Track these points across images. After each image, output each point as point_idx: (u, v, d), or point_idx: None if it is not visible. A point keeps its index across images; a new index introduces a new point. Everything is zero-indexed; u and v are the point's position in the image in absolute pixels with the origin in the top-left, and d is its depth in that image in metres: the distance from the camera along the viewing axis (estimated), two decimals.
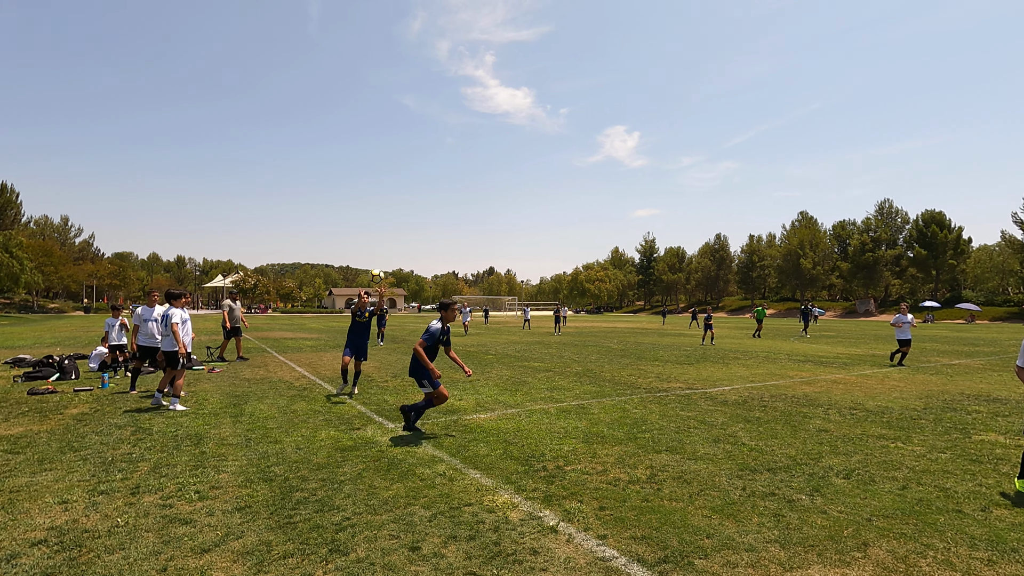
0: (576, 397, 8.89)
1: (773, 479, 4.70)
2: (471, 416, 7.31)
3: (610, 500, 4.17)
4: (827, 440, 6.09)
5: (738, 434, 6.35)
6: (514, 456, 5.37)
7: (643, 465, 5.09)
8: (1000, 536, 3.55)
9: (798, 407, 8.08)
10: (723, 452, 5.56)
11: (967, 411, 7.85)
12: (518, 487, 4.47)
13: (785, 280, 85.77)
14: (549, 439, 6.06)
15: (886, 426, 6.83)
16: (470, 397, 8.80)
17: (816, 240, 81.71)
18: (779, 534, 3.56)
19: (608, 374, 11.92)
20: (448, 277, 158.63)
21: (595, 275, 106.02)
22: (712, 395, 9.18)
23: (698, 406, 8.13)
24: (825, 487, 4.49)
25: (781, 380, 11.11)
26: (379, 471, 4.86)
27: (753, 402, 8.50)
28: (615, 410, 7.78)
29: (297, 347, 18.66)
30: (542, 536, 3.53)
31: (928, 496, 4.29)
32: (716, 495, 4.29)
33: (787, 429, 6.63)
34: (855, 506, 4.06)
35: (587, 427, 6.67)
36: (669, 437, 6.17)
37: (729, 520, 3.79)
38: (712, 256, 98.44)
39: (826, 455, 5.47)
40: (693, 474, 4.82)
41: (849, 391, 9.63)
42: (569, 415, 7.41)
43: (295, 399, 8.52)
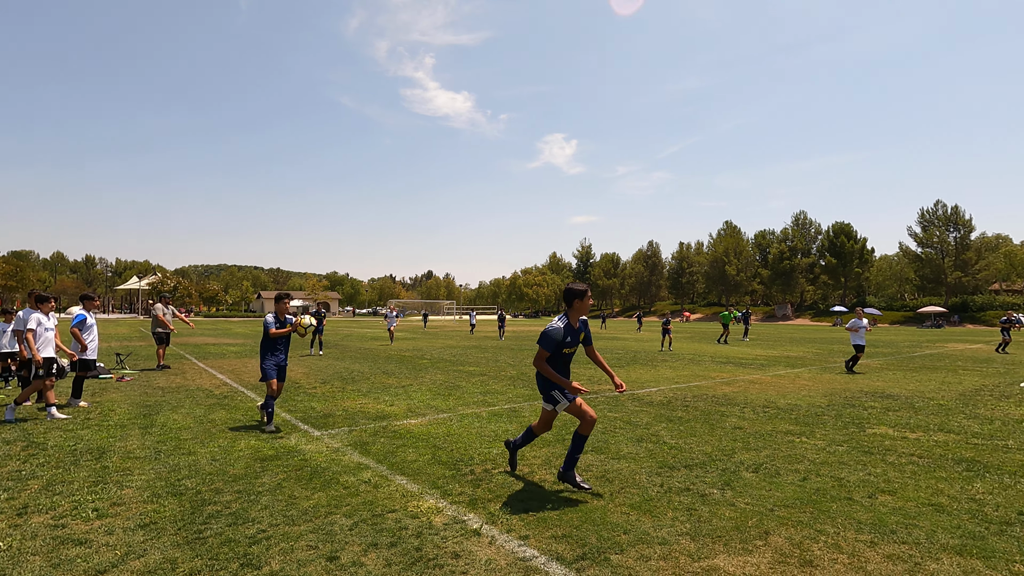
0: (509, 401, 8.96)
1: (689, 475, 4.94)
2: (401, 422, 7.21)
3: (535, 501, 4.24)
4: (740, 437, 6.46)
5: (660, 433, 6.62)
6: (442, 461, 5.35)
7: None
8: (882, 520, 3.90)
9: (717, 406, 8.52)
10: (645, 451, 5.78)
11: (864, 407, 8.56)
12: (444, 492, 4.45)
13: (712, 286, 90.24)
14: (479, 443, 6.08)
15: (794, 422, 7.33)
16: (401, 402, 8.68)
17: (740, 248, 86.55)
18: (691, 527, 3.75)
19: None
20: (385, 280, 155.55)
21: (533, 280, 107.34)
22: (639, 396, 9.51)
23: (625, 407, 8.40)
24: (735, 481, 4.77)
25: (704, 381, 11.68)
26: (300, 481, 4.70)
27: (676, 402, 8.89)
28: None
29: (220, 353, 17.71)
30: (465, 540, 3.54)
31: (824, 486, 4.65)
32: (635, 492, 4.46)
33: (705, 427, 6.98)
34: (760, 498, 4.34)
35: (517, 430, 6.73)
36: (595, 438, 6.34)
37: (646, 516, 3.95)
38: (645, 262, 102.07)
39: (739, 451, 5.80)
40: (615, 473, 4.99)
41: (764, 390, 10.26)
42: (501, 419, 7.46)
43: (214, 408, 8.09)
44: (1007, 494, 4.48)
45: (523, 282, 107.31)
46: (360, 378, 11.68)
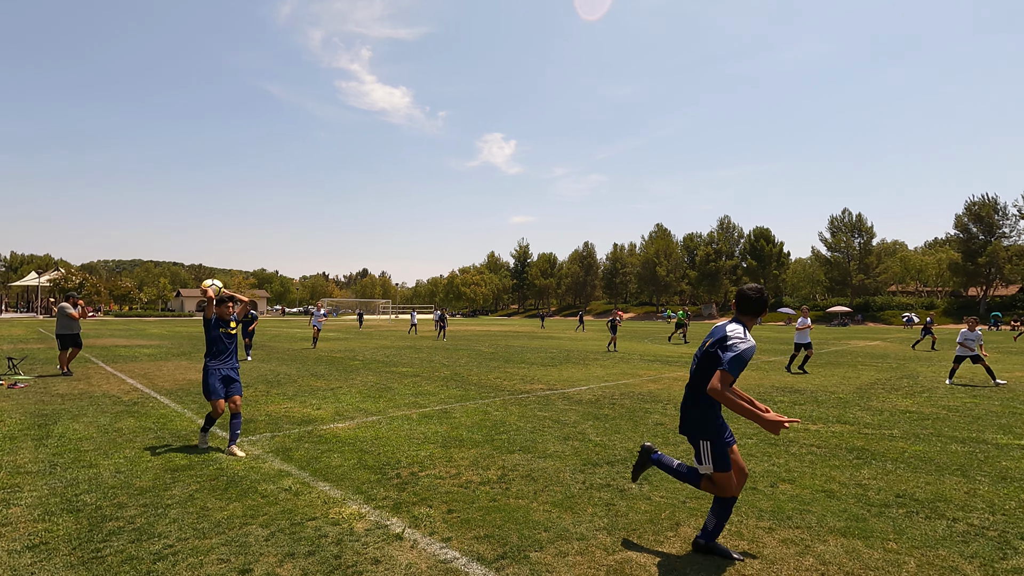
0: (440, 402, 8.93)
1: (611, 471, 5.13)
2: (328, 426, 7.03)
3: (459, 503, 4.27)
4: (661, 433, 6.78)
5: (587, 431, 6.82)
6: (368, 465, 5.28)
7: (495, 466, 5.27)
8: (781, 507, 4.22)
9: (642, 404, 8.88)
10: (571, 449, 5.95)
11: (774, 401, 9.18)
12: (368, 497, 4.40)
13: (644, 286, 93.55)
14: (407, 446, 6.03)
15: None
16: (329, 405, 8.45)
17: (670, 250, 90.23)
18: (608, 522, 3.91)
19: (475, 377, 12.13)
20: (318, 278, 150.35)
21: (471, 279, 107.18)
22: (569, 395, 9.75)
23: (555, 406, 8.59)
24: (653, 475, 5.00)
25: (632, 379, 12.12)
26: (215, 491, 4.49)
27: (604, 400, 9.18)
28: (477, 413, 7.95)
29: (131, 356, 16.52)
30: (386, 544, 3.52)
31: None
32: (559, 490, 4.58)
33: (630, 424, 7.26)
34: (674, 491, 4.58)
35: (447, 431, 6.74)
36: (524, 437, 6.46)
37: (567, 513, 4.08)
38: (581, 263, 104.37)
39: (659, 446, 6.08)
40: (541, 471, 5.10)
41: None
42: (431, 420, 7.43)
43: (121, 415, 7.56)
44: (888, 479, 4.96)
45: (461, 281, 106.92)
46: (286, 381, 11.27)
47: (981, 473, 5.16)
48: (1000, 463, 5.50)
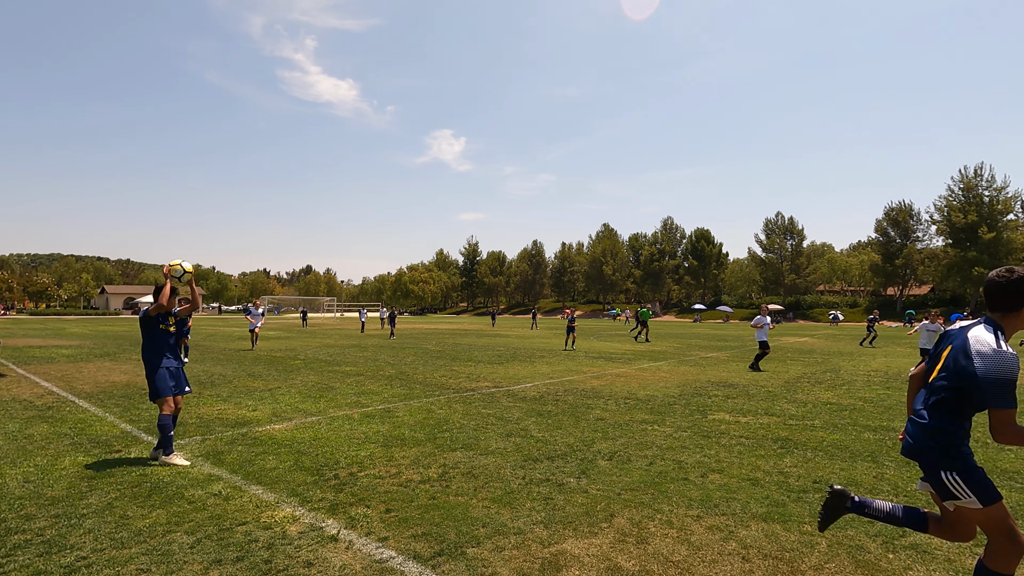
0: (384, 401, 8.81)
1: (551, 466, 5.22)
2: (264, 427, 6.80)
3: (398, 502, 4.24)
4: (601, 428, 6.95)
5: (529, 428, 6.91)
6: (305, 467, 5.14)
7: (436, 464, 5.26)
8: (709, 496, 4.43)
9: (584, 399, 9.06)
10: (513, 445, 6.01)
11: (709, 396, 9.59)
12: (303, 499, 4.29)
13: (591, 285, 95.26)
14: (347, 446, 5.92)
15: (649, 412, 8.02)
16: (266, 406, 8.17)
17: (616, 250, 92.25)
18: (545, 515, 3.98)
19: (421, 376, 12.02)
20: (258, 275, 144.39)
21: (419, 276, 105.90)
22: (514, 392, 9.83)
23: (499, 403, 8.64)
24: (591, 469, 5.13)
25: (576, 375, 12.35)
26: (136, 498, 4.26)
27: (548, 397, 9.32)
28: (420, 412, 7.89)
29: (48, 357, 15.37)
30: (320, 547, 3.45)
31: (667, 469, 5.16)
32: (498, 486, 4.63)
33: (571, 420, 7.40)
34: (611, 483, 4.72)
35: (389, 431, 6.66)
36: (467, 435, 6.47)
37: (505, 508, 4.12)
38: (530, 261, 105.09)
39: (598, 441, 6.24)
40: (481, 468, 5.13)
41: (628, 383, 11.09)
42: (373, 420, 7.32)
43: (33, 421, 7.03)
44: (808, 466, 5.29)
45: (409, 279, 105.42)
46: (221, 382, 10.80)
47: (888, 459, 5.58)
48: None
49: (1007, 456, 5.69)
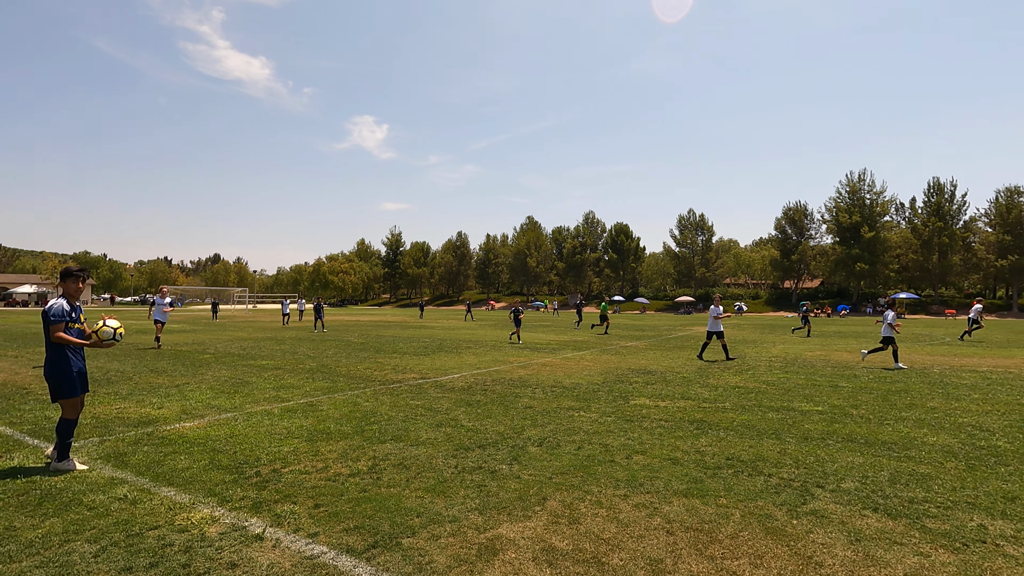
0: (305, 395, 8.46)
1: (482, 454, 5.26)
2: (172, 426, 6.32)
3: (327, 496, 4.10)
4: (530, 415, 7.08)
5: (459, 417, 6.90)
6: (222, 465, 4.85)
7: (366, 457, 5.14)
8: (634, 476, 4.65)
9: (512, 388, 9.18)
10: (443, 435, 5.98)
11: (630, 382, 10.03)
12: (222, 498, 4.05)
13: (515, 276, 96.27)
14: (268, 442, 5.64)
15: (575, 399, 8.27)
16: (174, 403, 7.60)
17: (540, 242, 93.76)
18: (480, 502, 4.01)
19: (344, 369, 11.65)
20: (158, 264, 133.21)
21: (339, 267, 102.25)
22: (442, 383, 9.77)
23: (428, 394, 8.56)
24: (523, 456, 5.22)
25: (503, 366, 12.47)
26: (25, 507, 3.83)
27: (476, 387, 9.35)
28: (346, 405, 7.66)
29: None
30: (244, 547, 3.27)
31: (594, 452, 5.35)
32: (431, 476, 4.60)
33: (500, 409, 7.48)
34: (542, 468, 4.83)
35: (313, 425, 6.41)
36: (396, 427, 6.36)
37: (439, 497, 4.11)
38: (455, 252, 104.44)
39: (527, 428, 6.36)
40: (413, 459, 5.07)
41: (553, 372, 11.35)
42: (295, 414, 7.01)
43: None
44: (721, 445, 5.68)
45: (328, 269, 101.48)
46: (119, 379, 9.90)
47: (790, 435, 6.11)
48: (804, 426, 6.56)
49: (888, 429, 6.41)
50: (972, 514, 3.87)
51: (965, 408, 7.73)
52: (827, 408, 7.67)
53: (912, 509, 3.96)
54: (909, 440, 5.92)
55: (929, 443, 5.80)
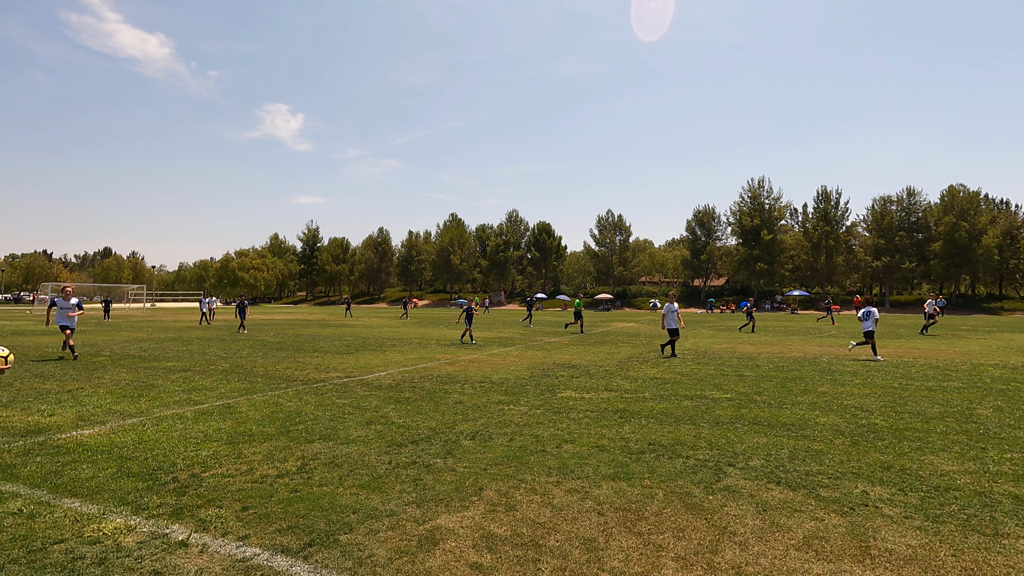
0: (221, 397, 8.00)
1: (416, 449, 5.26)
2: (69, 434, 5.78)
3: (255, 499, 3.95)
4: (460, 410, 7.13)
5: (389, 415, 6.83)
6: (133, 472, 4.51)
7: (294, 457, 4.98)
8: (565, 463, 4.85)
9: (441, 385, 9.18)
10: (374, 433, 5.91)
11: (556, 376, 10.33)
12: (137, 507, 3.78)
13: (438, 274, 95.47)
14: (183, 447, 5.31)
15: (504, 393, 8.41)
16: (67, 410, 6.94)
17: (463, 240, 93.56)
18: (416, 496, 4.03)
19: (261, 369, 11.11)
20: (35, 258, 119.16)
21: (250, 263, 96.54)
22: (368, 381, 9.58)
23: (354, 393, 8.38)
24: (456, 449, 5.27)
25: (430, 363, 12.40)
26: None
27: (404, 384, 9.26)
28: (267, 406, 7.34)
29: None
30: (168, 554, 3.10)
31: (526, 443, 5.51)
32: (365, 472, 4.55)
33: (431, 405, 7.47)
34: (476, 460, 4.91)
35: (232, 427, 6.10)
36: (324, 426, 6.19)
37: (375, 493, 4.08)
38: (375, 249, 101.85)
39: (459, 423, 6.41)
40: (344, 457, 4.98)
41: (481, 368, 11.45)
42: (211, 417, 6.63)
43: None
44: (643, 432, 6.03)
45: (238, 265, 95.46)
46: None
47: (704, 421, 6.59)
48: (715, 412, 7.10)
49: (787, 412, 7.07)
50: (857, 482, 4.40)
51: (849, 392, 8.68)
52: (735, 395, 8.33)
53: (808, 481, 4.43)
54: (804, 421, 6.58)
55: (821, 423, 6.48)
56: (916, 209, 68.99)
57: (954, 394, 8.51)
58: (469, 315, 18.36)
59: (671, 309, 14.35)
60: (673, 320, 14.18)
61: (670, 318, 14.20)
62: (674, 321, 14.17)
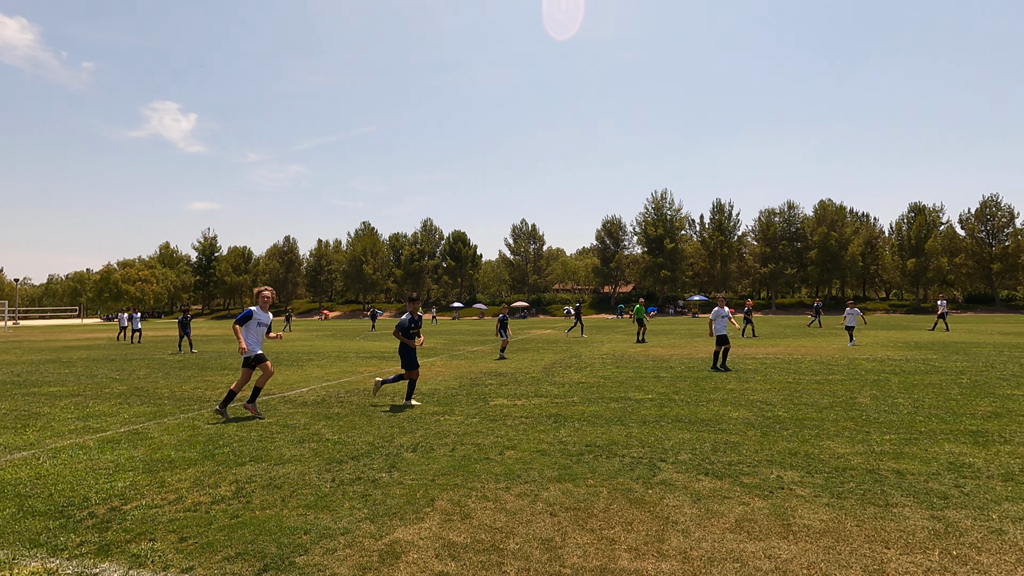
0: (125, 423, 7.33)
1: (358, 465, 5.15)
2: None
3: (192, 528, 3.71)
4: (396, 423, 7.04)
5: (322, 431, 6.61)
6: (38, 511, 4.06)
7: (227, 481, 4.71)
8: (510, 469, 4.97)
9: (369, 399, 8.98)
10: (310, 451, 5.70)
11: (485, 385, 10.45)
12: (53, 548, 3.43)
13: (350, 284, 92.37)
14: (92, 479, 4.84)
15: (437, 404, 8.39)
16: None
17: (376, 249, 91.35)
18: (368, 511, 3.98)
19: (167, 390, 10.25)
20: None
21: (136, 274, 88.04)
22: (291, 398, 9.16)
23: (279, 411, 7.99)
24: (399, 462, 5.23)
25: (353, 376, 12.05)
26: None
27: (331, 400, 8.96)
28: (183, 429, 6.83)
29: None
30: None
31: (468, 452, 5.57)
32: (308, 492, 4.40)
33: (363, 419, 7.31)
34: (422, 472, 4.91)
35: (147, 455, 5.63)
36: (252, 447, 5.88)
37: (324, 512, 3.97)
38: (281, 258, 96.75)
39: (397, 436, 6.34)
40: (283, 478, 4.78)
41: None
42: (119, 445, 6.07)
43: None
44: (578, 434, 6.30)
45: (122, 276, 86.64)
46: None
47: (632, 421, 7.00)
48: (640, 412, 7.54)
49: (703, 409, 7.67)
50: (772, 469, 4.91)
51: (753, 388, 9.55)
52: (655, 395, 8.89)
53: (731, 470, 4.88)
54: (719, 416, 7.18)
55: (733, 418, 7.10)
56: (795, 220, 76.76)
57: (838, 386, 9.63)
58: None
59: (720, 314, 12.32)
60: (723, 326, 12.16)
61: (719, 324, 12.22)
62: (723, 327, 12.15)
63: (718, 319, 12.32)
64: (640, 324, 22.41)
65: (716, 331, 12.23)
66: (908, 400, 8.17)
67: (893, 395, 8.62)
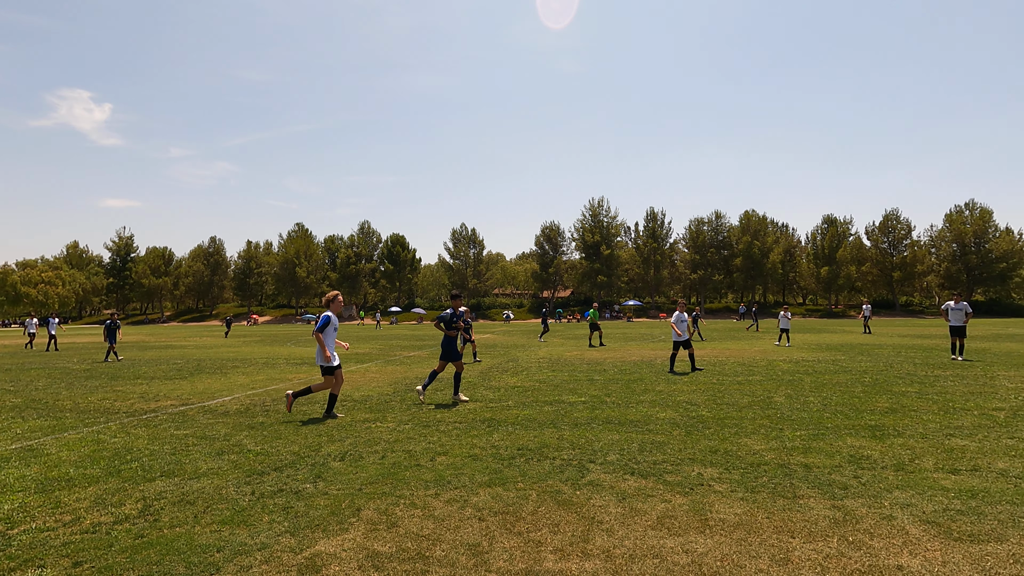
0: (17, 438, 6.68)
1: (280, 476, 4.93)
2: None
3: (89, 551, 3.42)
4: (325, 431, 6.81)
5: (243, 442, 6.28)
6: None
7: (132, 499, 4.38)
8: (441, 475, 4.92)
9: (298, 407, 8.63)
10: (228, 463, 5.41)
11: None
12: None
13: (282, 287, 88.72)
14: None
15: (369, 411, 8.19)
16: None
17: (310, 251, 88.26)
18: (289, 524, 3.81)
19: (68, 402, 9.44)
20: None
21: (38, 276, 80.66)
22: (211, 408, 8.67)
23: (197, 421, 7.53)
24: (326, 472, 5.05)
25: (281, 383, 11.56)
26: None
27: (256, 408, 8.55)
28: (85, 444, 6.30)
29: None
30: None
31: (399, 459, 5.47)
32: (224, 507, 4.17)
33: (290, 428, 7.02)
34: (349, 481, 4.77)
35: (42, 473, 5.15)
36: (164, 460, 5.50)
37: (240, 527, 3.77)
38: (206, 260, 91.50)
39: (325, 444, 6.13)
40: (197, 493, 4.50)
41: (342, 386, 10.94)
42: (8, 463, 5.52)
43: None
44: (511, 438, 6.33)
45: (20, 278, 79.08)
46: None
47: (564, 423, 7.11)
48: (573, 415, 7.68)
49: (633, 410, 7.90)
50: (693, 466, 5.12)
51: (680, 389, 9.95)
52: (588, 398, 9.08)
53: (656, 469, 5.05)
54: (648, 417, 7.42)
55: (661, 418, 7.37)
56: (722, 229, 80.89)
57: (757, 386, 10.20)
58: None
59: (681, 319, 12.78)
60: (684, 330, 12.64)
61: (680, 328, 12.65)
62: (684, 331, 12.66)
63: (679, 323, 12.75)
64: (594, 328, 22.87)
65: (675, 336, 12.69)
66: (818, 398, 8.77)
67: (805, 394, 9.23)
